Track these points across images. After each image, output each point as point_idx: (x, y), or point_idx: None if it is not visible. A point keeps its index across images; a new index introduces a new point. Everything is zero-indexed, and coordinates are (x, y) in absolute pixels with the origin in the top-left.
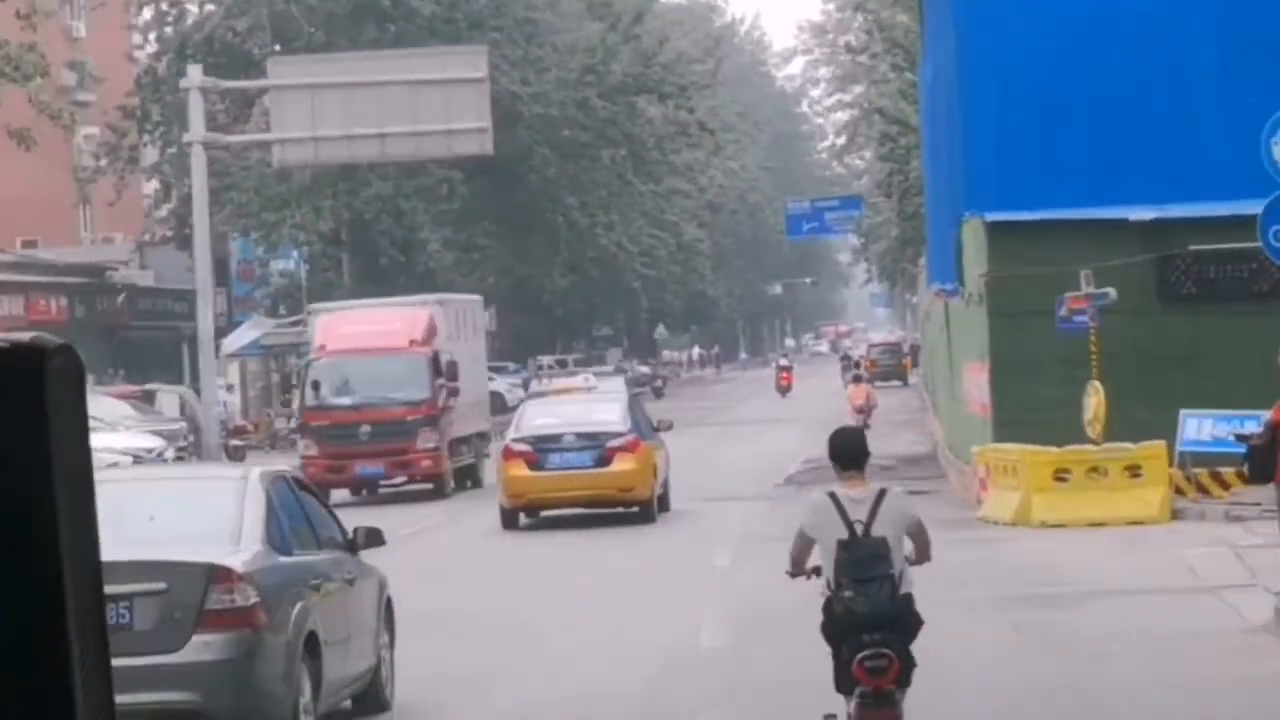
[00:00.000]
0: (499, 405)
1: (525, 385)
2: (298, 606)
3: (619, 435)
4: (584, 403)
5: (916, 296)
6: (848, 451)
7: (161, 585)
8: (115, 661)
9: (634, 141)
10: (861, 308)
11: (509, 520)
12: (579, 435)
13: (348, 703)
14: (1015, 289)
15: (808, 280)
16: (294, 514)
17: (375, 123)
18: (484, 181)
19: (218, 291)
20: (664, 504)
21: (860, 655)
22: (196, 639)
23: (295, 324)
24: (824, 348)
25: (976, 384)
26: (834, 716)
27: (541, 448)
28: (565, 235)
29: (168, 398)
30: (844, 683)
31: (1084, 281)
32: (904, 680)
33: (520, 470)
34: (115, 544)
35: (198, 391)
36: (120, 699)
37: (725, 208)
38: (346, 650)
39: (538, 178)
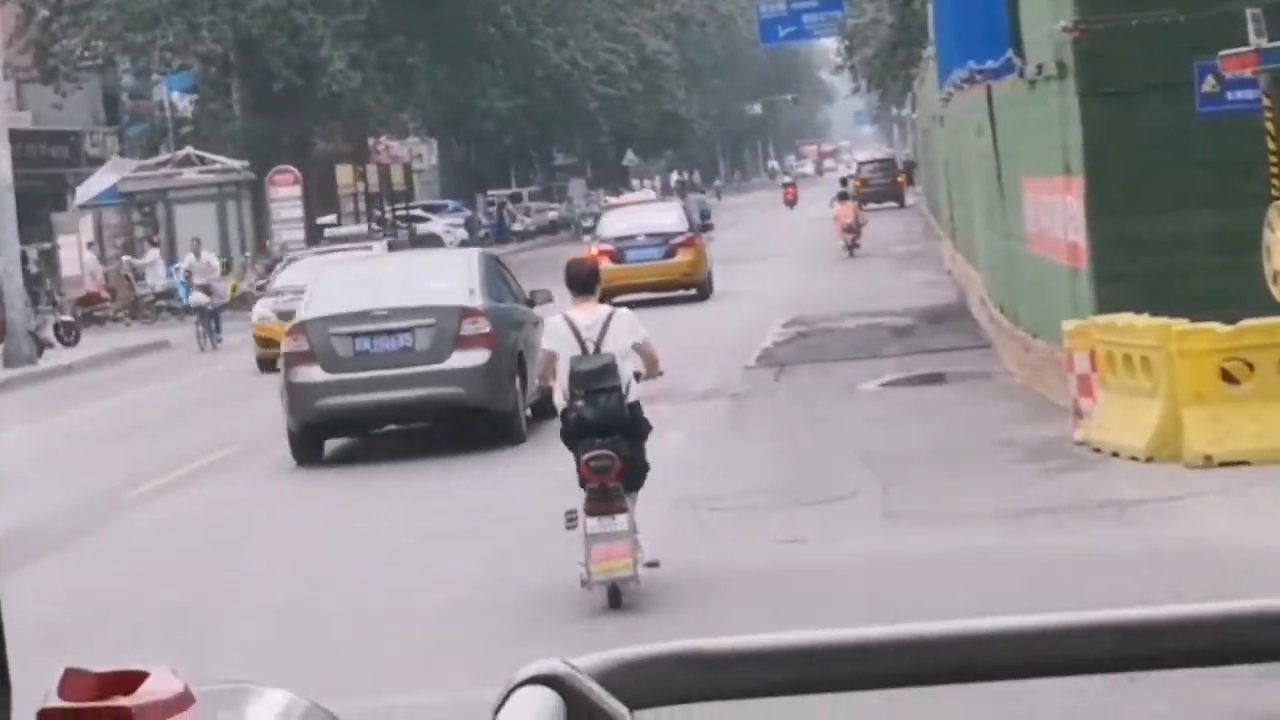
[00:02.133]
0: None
1: (469, 226)
2: (511, 335)
3: (680, 234)
4: (649, 211)
5: (908, 109)
6: (580, 279)
7: (431, 320)
8: (403, 370)
9: None
10: (845, 125)
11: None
12: (649, 235)
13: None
14: (1122, 49)
15: (788, 98)
16: (498, 278)
17: None
18: None
19: (107, 131)
20: (704, 291)
21: (586, 456)
22: (456, 353)
23: (161, 165)
24: (808, 169)
25: (1051, 211)
26: (574, 511)
27: (620, 246)
28: (502, 49)
29: None
30: (581, 483)
31: (1251, 29)
32: (632, 482)
33: (604, 264)
34: (398, 295)
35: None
36: (410, 393)
37: (693, 19)
38: (535, 366)
39: None
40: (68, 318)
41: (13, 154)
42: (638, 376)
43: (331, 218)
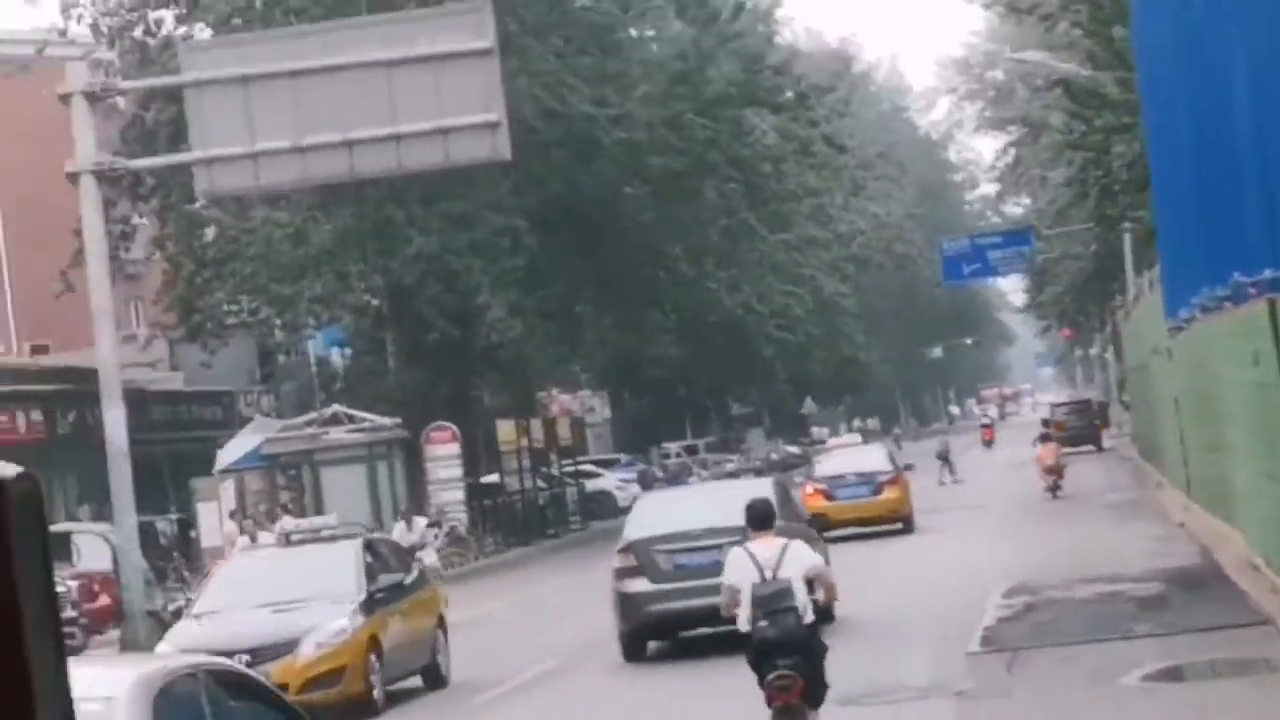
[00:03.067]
0: (609, 506)
1: (643, 480)
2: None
3: (886, 473)
4: (858, 452)
5: (1096, 347)
6: (759, 516)
7: (736, 538)
8: (714, 580)
9: (743, 166)
10: (1025, 368)
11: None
12: (858, 474)
13: None
14: None
15: (969, 340)
16: (788, 501)
17: (335, 125)
18: (558, 230)
19: (262, 390)
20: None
21: (771, 676)
22: None
23: (309, 424)
24: (992, 413)
25: None
26: None
27: (832, 485)
28: (672, 295)
29: (88, 541)
30: (767, 702)
31: None
32: (813, 700)
33: (819, 502)
34: (709, 518)
35: (175, 524)
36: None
37: (871, 261)
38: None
39: (628, 222)
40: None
41: (163, 416)
42: (815, 602)
43: (494, 477)
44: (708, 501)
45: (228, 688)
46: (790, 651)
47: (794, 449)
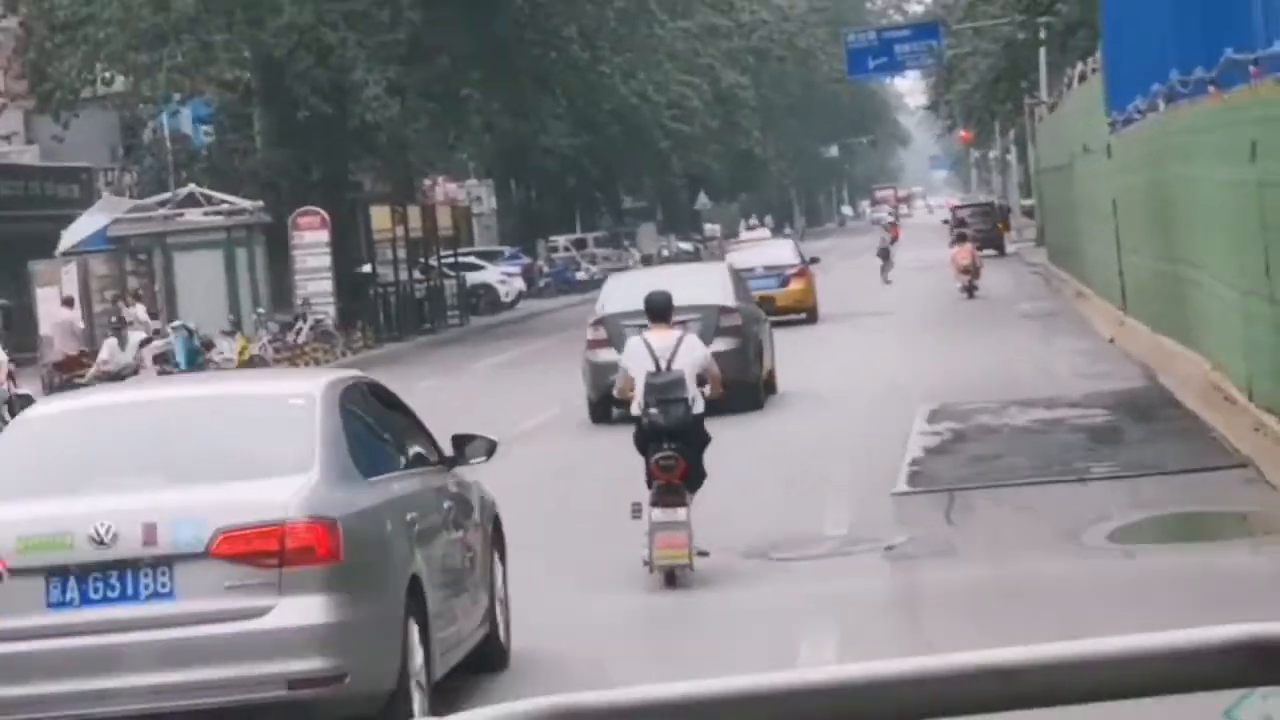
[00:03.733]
0: (491, 301)
1: (528, 275)
2: (753, 328)
3: (793, 265)
4: (767, 245)
5: (998, 149)
6: (658, 308)
7: (698, 315)
8: None
9: None
10: (919, 171)
11: None
12: (766, 267)
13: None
14: None
15: (866, 140)
16: (743, 286)
17: None
18: (443, 3)
19: (125, 168)
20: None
21: (656, 456)
22: (717, 340)
23: (162, 204)
24: (885, 214)
25: None
26: (639, 504)
27: (743, 275)
28: (564, 78)
29: None
30: (648, 481)
31: None
32: (692, 484)
33: None
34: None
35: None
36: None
37: (771, 54)
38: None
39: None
40: (22, 391)
41: (10, 192)
42: (703, 393)
43: (366, 267)
44: (671, 282)
45: (378, 395)
46: (676, 437)
47: (686, 245)
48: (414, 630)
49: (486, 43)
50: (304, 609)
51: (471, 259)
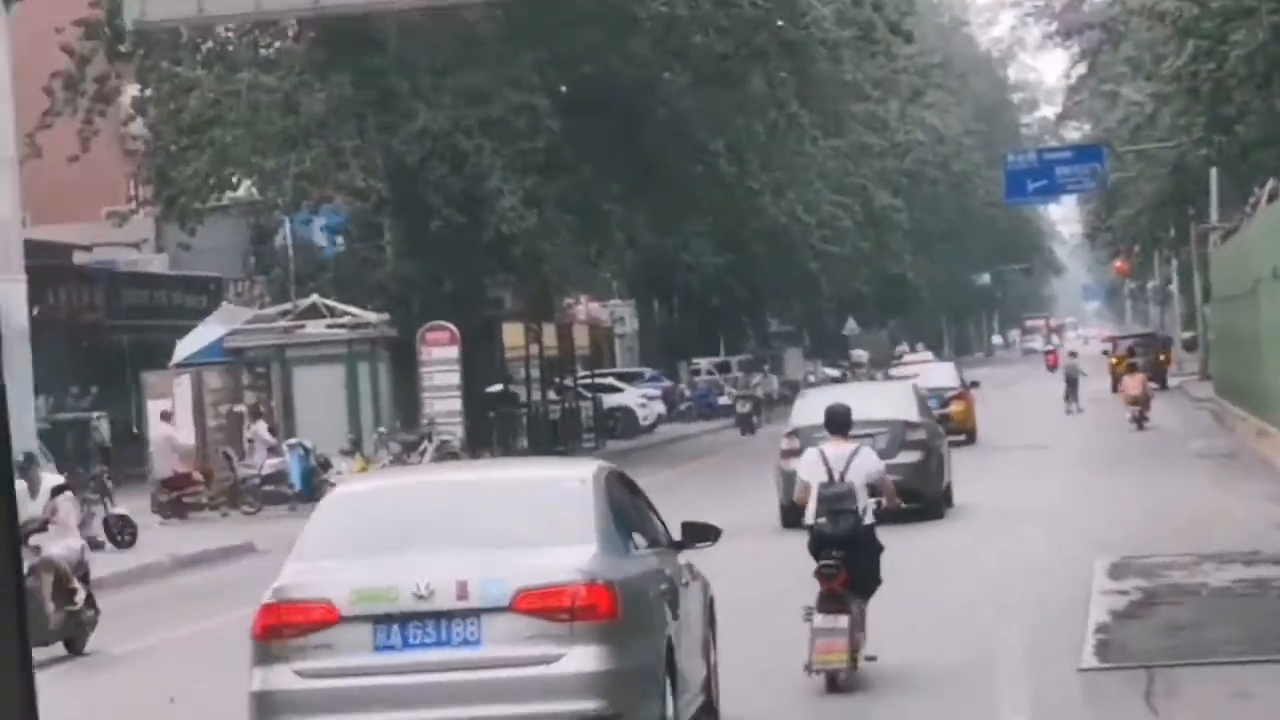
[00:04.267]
0: (629, 424)
1: (668, 399)
2: (937, 442)
3: (954, 388)
4: (929, 368)
5: (1157, 279)
6: (836, 420)
7: (885, 429)
8: None
9: (796, 52)
10: (1071, 301)
11: None
12: (929, 389)
13: None
14: None
15: (1019, 268)
16: (925, 405)
17: None
18: (584, 114)
19: (256, 279)
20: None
21: (819, 564)
22: (903, 452)
23: (282, 315)
24: (1037, 344)
25: None
26: (810, 608)
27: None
28: (710, 195)
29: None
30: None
31: None
32: (864, 591)
33: None
34: (861, 411)
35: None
36: None
37: (924, 176)
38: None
39: (664, 110)
40: (121, 511)
41: (137, 301)
42: (879, 504)
43: (498, 387)
44: (861, 397)
45: (625, 483)
46: (842, 546)
47: (833, 371)
48: (666, 684)
49: (629, 155)
50: (589, 658)
51: (610, 380)
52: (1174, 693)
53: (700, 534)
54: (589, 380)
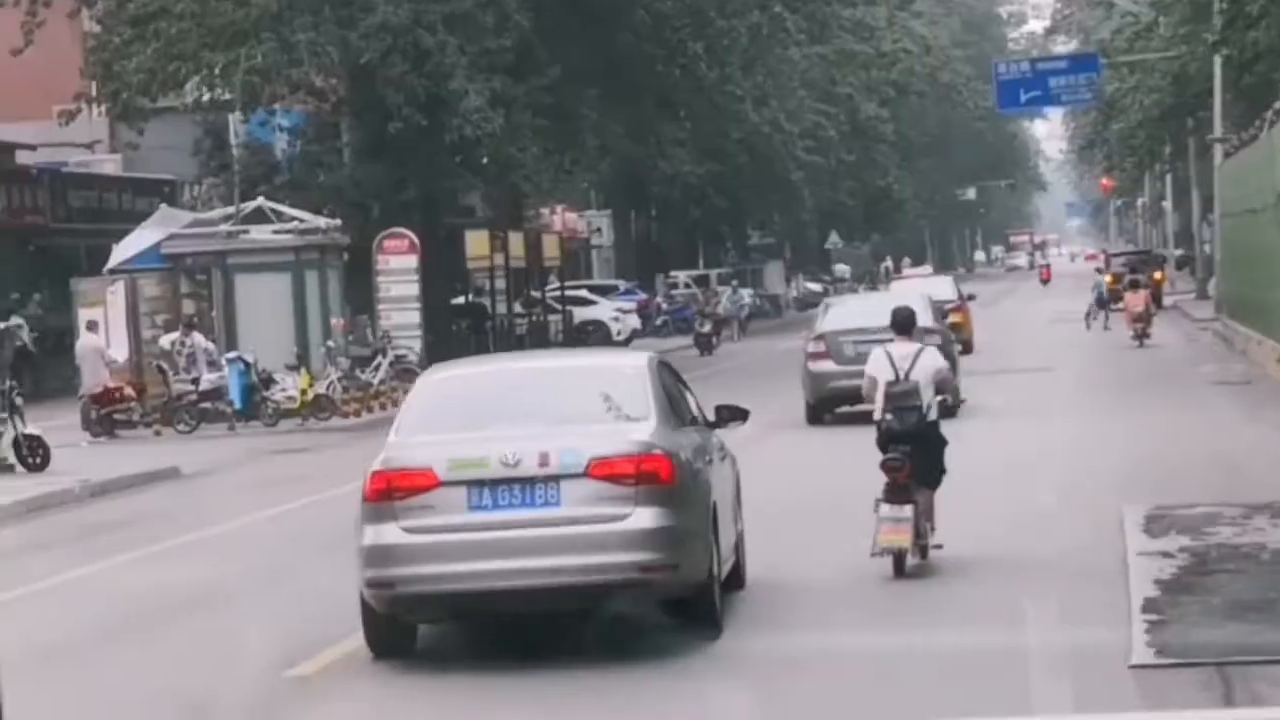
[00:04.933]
0: (601, 339)
1: (643, 312)
2: (949, 347)
3: (952, 301)
4: (928, 282)
5: (1146, 196)
6: (901, 322)
7: None
8: None
9: None
10: (1054, 218)
11: None
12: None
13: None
14: None
15: (1004, 183)
16: (937, 309)
17: None
18: (556, 10)
19: (214, 182)
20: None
21: (884, 458)
22: None
23: (226, 219)
24: (1021, 261)
25: None
26: (879, 499)
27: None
28: (689, 99)
29: None
30: None
31: None
32: (930, 481)
33: None
34: (884, 317)
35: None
36: None
37: (911, 88)
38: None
39: (641, 7)
40: (33, 430)
41: (84, 204)
42: (943, 401)
43: (463, 299)
44: (883, 305)
45: (670, 370)
46: (908, 441)
47: (815, 286)
48: (713, 541)
49: (604, 56)
50: (652, 516)
51: (583, 293)
52: (1256, 698)
53: (732, 415)
54: (560, 293)
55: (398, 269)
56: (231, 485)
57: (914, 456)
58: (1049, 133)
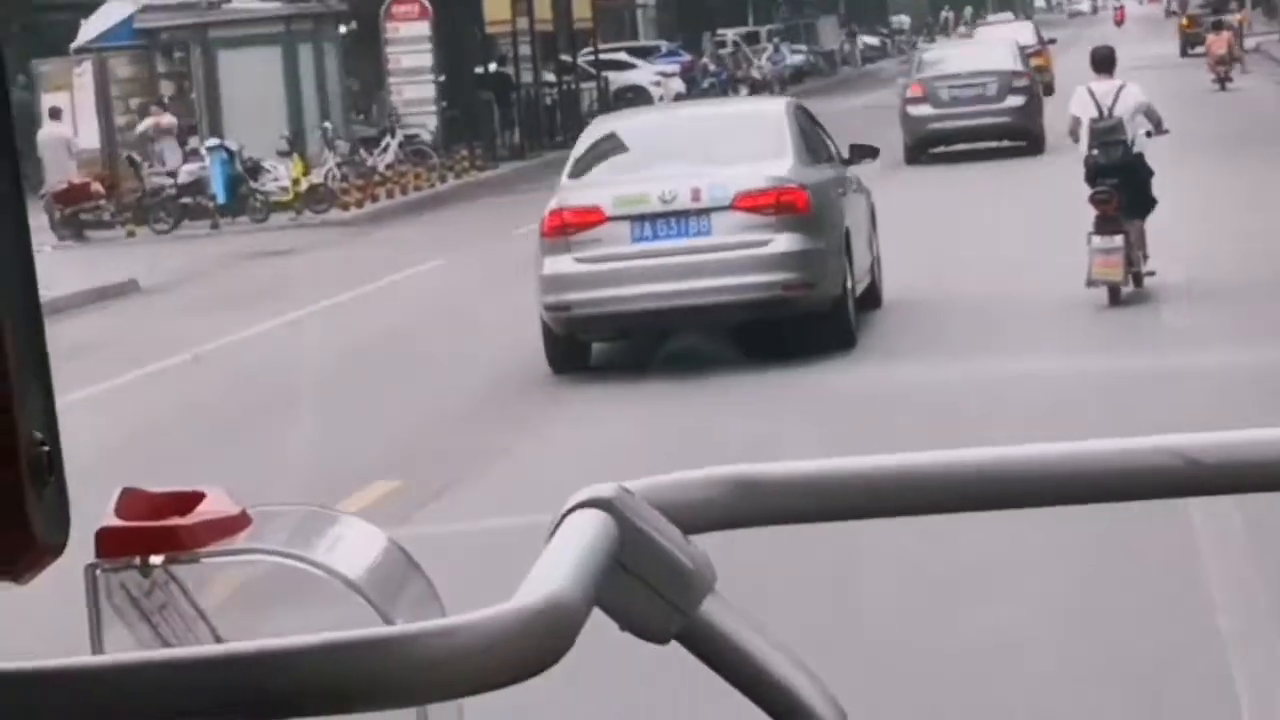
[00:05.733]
0: (642, 105)
1: (687, 75)
2: (1034, 85)
3: (1034, 45)
4: (1012, 28)
5: None
6: (1101, 60)
7: (994, 78)
8: (979, 107)
9: None
10: None
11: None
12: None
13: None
14: None
15: None
16: (1024, 57)
17: None
18: None
19: None
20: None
21: (1092, 192)
22: (1010, 97)
23: None
24: (1084, 5)
25: None
26: (1090, 232)
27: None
28: None
29: None
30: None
31: None
32: (1139, 211)
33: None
34: (974, 63)
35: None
36: (982, 121)
37: None
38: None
39: None
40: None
41: None
42: (1148, 134)
43: (490, 66)
44: (976, 51)
45: (806, 113)
46: (1113, 174)
47: (872, 39)
48: (845, 262)
49: None
50: (791, 241)
51: (622, 56)
52: None
53: (863, 153)
54: (593, 57)
55: (408, 37)
56: (186, 304)
57: (1122, 188)
58: None
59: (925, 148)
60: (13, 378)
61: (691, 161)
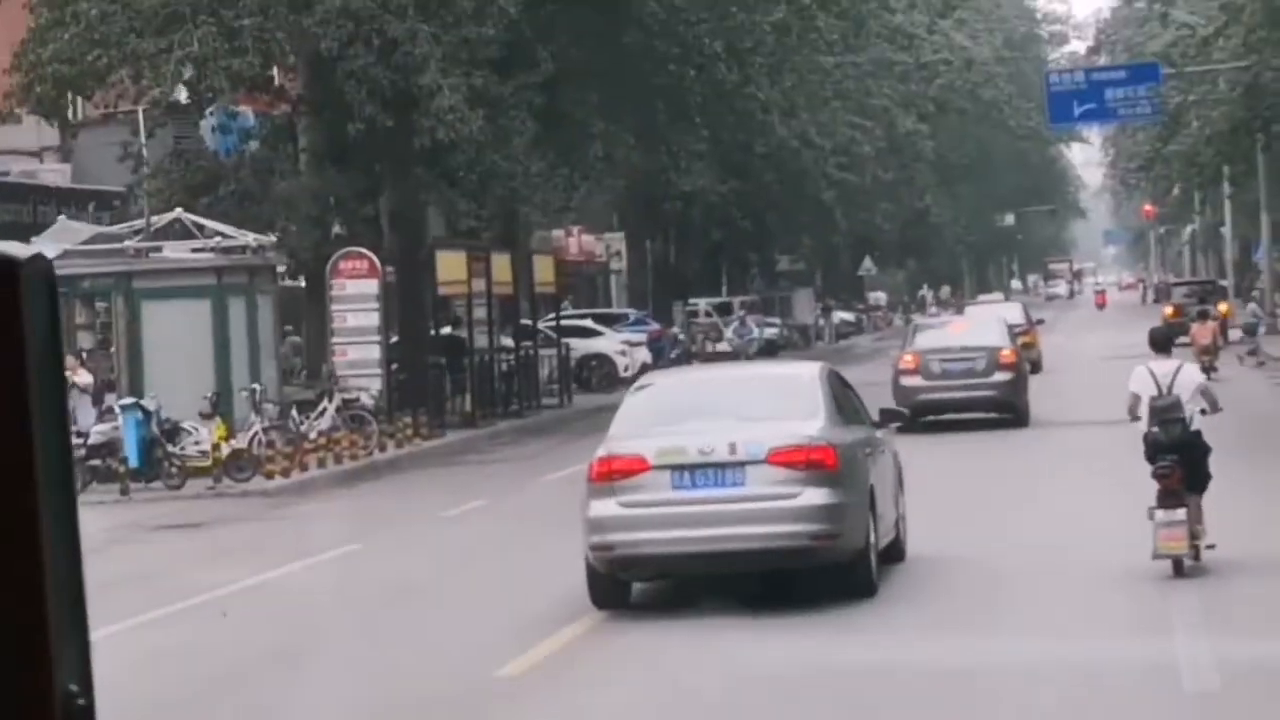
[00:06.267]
0: (606, 376)
1: (654, 345)
2: (1024, 366)
3: (1023, 325)
4: (1002, 308)
5: (1197, 224)
6: (1159, 341)
7: (984, 354)
8: (968, 380)
9: None
10: (1090, 246)
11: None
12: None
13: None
14: None
15: (1046, 209)
16: (1013, 334)
17: None
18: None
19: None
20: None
21: (1154, 468)
22: (997, 373)
23: (135, 233)
24: (1061, 289)
25: None
26: (1153, 506)
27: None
28: (707, 107)
29: None
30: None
31: None
32: (1196, 486)
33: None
34: (965, 339)
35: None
36: (972, 394)
37: (952, 105)
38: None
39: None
40: None
41: (23, 219)
42: (1203, 412)
43: (446, 329)
44: (964, 329)
45: (838, 378)
46: (1173, 450)
47: (848, 316)
48: (870, 517)
49: (607, 52)
50: (819, 495)
51: (587, 322)
52: None
53: (892, 416)
54: (555, 323)
55: (355, 295)
56: None
57: (1180, 465)
58: (1085, 159)
59: (916, 417)
60: (51, 631)
61: (730, 418)
